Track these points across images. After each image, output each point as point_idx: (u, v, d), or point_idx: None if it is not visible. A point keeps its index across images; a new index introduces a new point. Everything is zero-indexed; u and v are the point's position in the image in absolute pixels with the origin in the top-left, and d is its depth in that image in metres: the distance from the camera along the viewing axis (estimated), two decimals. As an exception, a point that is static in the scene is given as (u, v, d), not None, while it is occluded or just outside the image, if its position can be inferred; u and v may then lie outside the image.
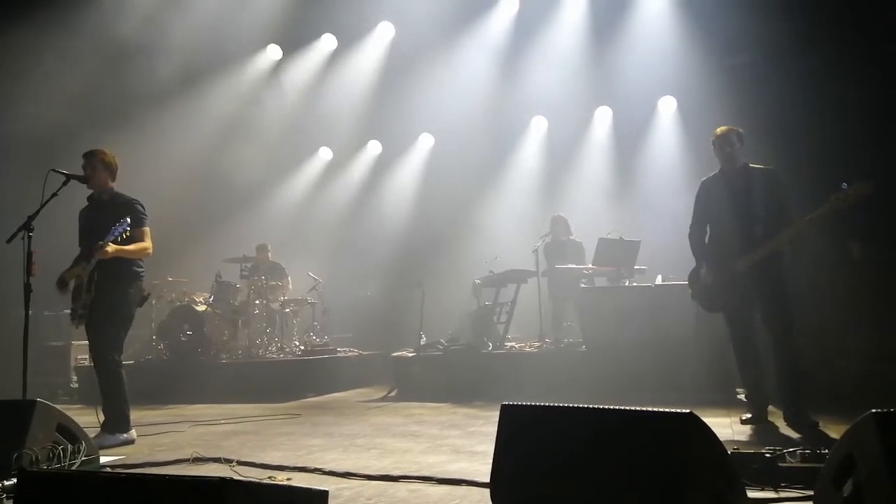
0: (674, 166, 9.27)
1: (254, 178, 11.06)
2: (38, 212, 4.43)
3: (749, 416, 4.77)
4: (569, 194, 10.07)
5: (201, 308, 8.63)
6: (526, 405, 2.36)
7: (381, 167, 12.16)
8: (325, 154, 12.28)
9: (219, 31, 9.79)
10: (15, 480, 3.04)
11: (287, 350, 9.08)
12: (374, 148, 12.27)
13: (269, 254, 9.84)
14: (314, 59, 11.15)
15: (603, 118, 10.63)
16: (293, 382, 7.87)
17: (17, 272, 4.45)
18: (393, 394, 7.55)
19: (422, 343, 8.20)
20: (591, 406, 2.23)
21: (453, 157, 10.88)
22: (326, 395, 7.94)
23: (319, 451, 4.17)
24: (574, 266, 7.93)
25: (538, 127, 11.13)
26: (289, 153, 11.70)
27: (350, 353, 9.45)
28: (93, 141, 5.71)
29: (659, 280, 7.11)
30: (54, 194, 4.51)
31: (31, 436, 3.31)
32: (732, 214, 4.79)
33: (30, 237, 4.34)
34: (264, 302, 9.05)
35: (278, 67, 11.14)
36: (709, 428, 2.10)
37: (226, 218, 10.72)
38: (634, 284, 7.26)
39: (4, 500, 2.94)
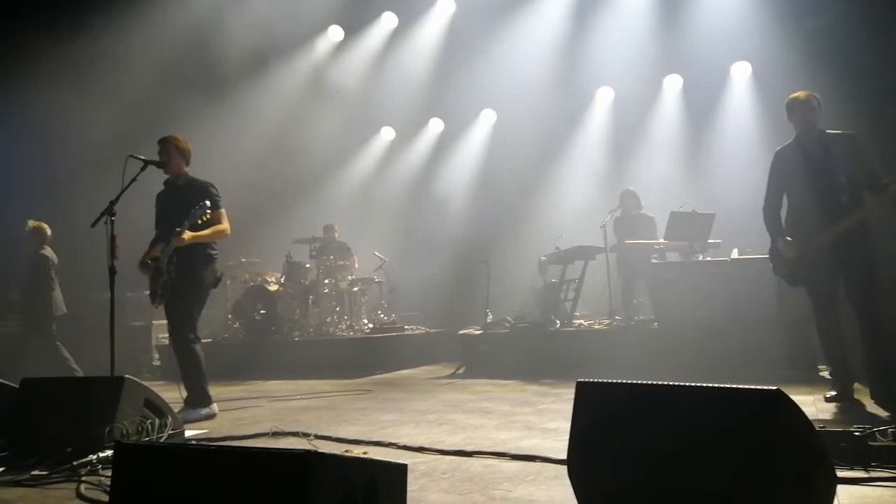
0: (749, 135, 8.91)
1: (319, 160, 11.25)
2: (118, 197, 4.57)
3: (834, 393, 4.57)
4: (638, 167, 9.81)
5: (273, 288, 8.88)
6: (603, 382, 2.32)
7: (444, 145, 12.15)
8: (387, 134, 12.35)
9: (281, 16, 9.93)
10: (109, 452, 3.21)
11: (356, 328, 9.25)
12: (436, 126, 12.27)
13: (336, 234, 10.00)
14: (375, 38, 11.19)
15: (673, 86, 10.29)
16: (363, 359, 8.05)
17: (101, 256, 4.64)
18: (461, 371, 7.61)
19: (488, 321, 8.20)
20: (672, 383, 2.17)
21: (517, 133, 10.77)
22: (395, 372, 8.07)
23: (392, 426, 4.24)
24: (644, 241, 7.75)
25: (604, 98, 10.86)
26: (352, 134, 11.83)
27: (417, 331, 9.56)
28: (166, 127, 5.90)
29: (735, 254, 6.86)
30: (133, 179, 4.65)
31: (122, 410, 3.49)
32: (812, 184, 4.56)
33: (112, 221, 4.50)
34: (333, 281, 9.23)
35: (340, 48, 11.23)
36: (797, 406, 2.02)
37: (294, 200, 10.96)
38: (708, 259, 7.05)
39: (101, 471, 3.11)
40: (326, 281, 9.15)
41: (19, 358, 7.11)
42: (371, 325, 9.25)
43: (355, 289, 9.57)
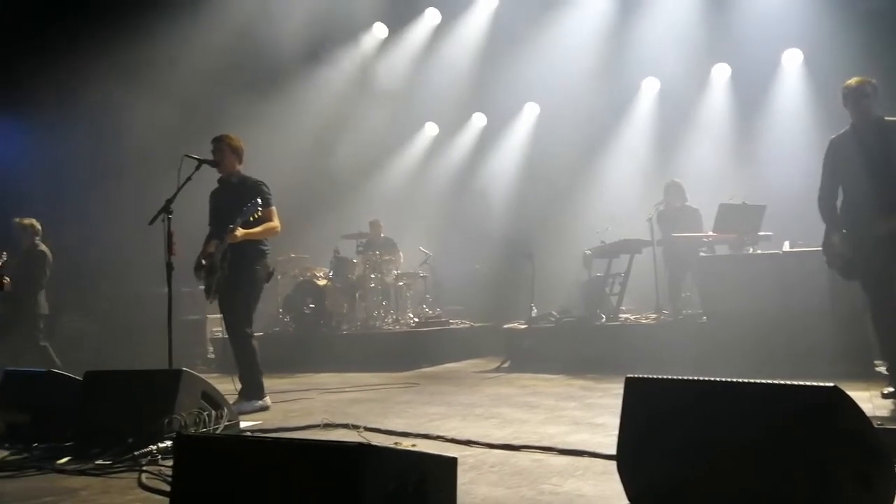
0: (801, 124, 8.68)
1: (365, 157, 11.38)
2: (175, 195, 4.72)
3: (891, 389, 4.44)
4: (685, 158, 9.65)
5: (322, 282, 9.03)
6: (653, 378, 2.31)
7: (487, 139, 12.15)
8: (431, 129, 12.41)
9: (327, 15, 10.06)
10: (168, 443, 3.33)
11: (402, 322, 9.34)
12: (479, 120, 12.27)
13: (382, 229, 10.10)
14: (419, 34, 11.24)
15: (721, 76, 10.07)
16: (409, 353, 8.13)
17: (155, 252, 4.78)
18: (506, 365, 7.62)
19: (533, 315, 8.18)
20: (724, 379, 2.15)
21: (561, 125, 10.71)
22: (440, 366, 8.13)
23: (440, 420, 4.28)
24: (693, 234, 7.61)
25: (650, 89, 10.70)
26: (397, 130, 11.92)
27: (462, 325, 9.60)
28: (218, 126, 6.05)
29: (786, 247, 6.70)
30: (189, 178, 4.79)
31: (180, 402, 3.58)
32: (870, 173, 4.43)
33: (169, 219, 4.65)
34: (379, 276, 9.34)
35: (384, 45, 11.32)
36: (854, 402, 1.98)
37: (340, 196, 11.12)
38: (759, 252, 6.89)
39: (160, 461, 3.22)
40: (373, 276, 9.27)
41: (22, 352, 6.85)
42: (416, 319, 9.33)
43: (401, 283, 9.66)
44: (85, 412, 3.75)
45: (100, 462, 3.23)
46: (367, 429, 3.90)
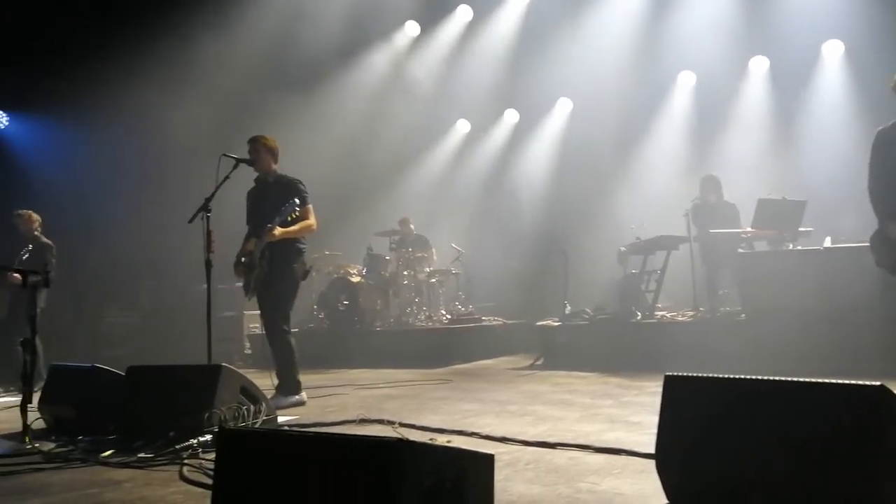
0: (842, 117, 8.47)
1: (397, 154, 11.42)
2: (213, 194, 4.79)
3: (940, 389, 4.31)
4: (723, 153, 9.49)
5: (356, 279, 9.11)
6: (693, 376, 2.28)
7: (520, 136, 12.10)
8: (463, 126, 12.40)
9: (360, 14, 10.12)
10: (209, 437, 3.38)
11: (435, 319, 9.37)
12: (511, 117, 12.23)
13: (412, 226, 10.13)
14: (451, 31, 11.24)
15: (759, 69, 9.87)
16: (442, 349, 8.15)
17: (192, 250, 4.85)
18: (539, 362, 7.58)
19: (567, 312, 8.13)
20: (767, 378, 2.11)
21: (594, 121, 10.61)
22: (473, 363, 8.14)
23: (474, 416, 4.28)
24: (731, 230, 7.47)
25: (685, 82, 10.54)
26: (429, 127, 11.94)
27: (495, 322, 9.59)
28: (253, 125, 6.13)
29: (828, 242, 6.55)
30: (226, 177, 4.87)
31: (219, 397, 3.63)
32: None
33: (208, 217, 4.73)
34: (412, 273, 9.38)
35: (417, 43, 11.34)
36: (903, 402, 1.93)
37: (374, 193, 11.19)
38: (800, 248, 6.75)
39: (201, 454, 3.28)
40: (406, 273, 9.32)
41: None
42: (449, 316, 9.35)
43: (433, 280, 9.69)
44: (128, 406, 3.84)
45: (142, 455, 3.30)
46: (402, 424, 3.92)
